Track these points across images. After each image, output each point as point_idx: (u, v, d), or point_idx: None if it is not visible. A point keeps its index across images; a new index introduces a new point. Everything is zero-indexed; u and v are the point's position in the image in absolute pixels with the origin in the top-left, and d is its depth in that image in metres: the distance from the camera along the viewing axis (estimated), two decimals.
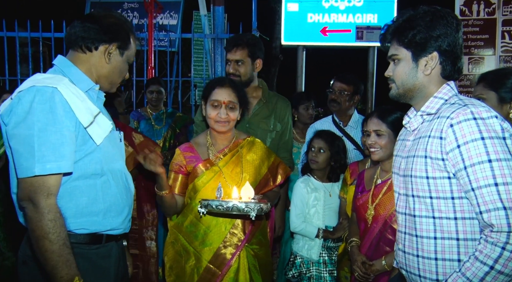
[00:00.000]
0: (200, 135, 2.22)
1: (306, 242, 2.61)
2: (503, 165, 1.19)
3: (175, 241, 2.09)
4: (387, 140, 2.02)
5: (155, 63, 4.91)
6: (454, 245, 1.30)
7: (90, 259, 1.51)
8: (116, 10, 6.01)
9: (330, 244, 2.60)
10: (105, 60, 1.57)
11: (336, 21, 5.44)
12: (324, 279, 2.55)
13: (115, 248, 1.62)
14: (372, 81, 5.83)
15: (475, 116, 1.25)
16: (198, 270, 2.01)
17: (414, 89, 1.42)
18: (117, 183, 1.58)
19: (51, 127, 1.37)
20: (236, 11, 6.45)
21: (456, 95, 1.40)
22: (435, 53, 1.37)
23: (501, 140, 1.22)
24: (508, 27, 4.70)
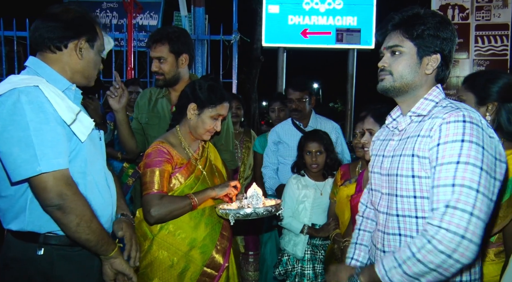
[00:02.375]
0: (168, 135, 2.04)
1: (292, 238, 2.63)
2: (467, 169, 1.18)
3: (164, 252, 1.93)
4: None
5: (134, 64, 4.86)
6: None
7: (74, 260, 1.50)
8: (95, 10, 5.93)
9: (316, 242, 2.62)
10: (78, 57, 1.54)
11: (316, 23, 5.50)
12: (308, 276, 2.58)
13: None
14: (352, 82, 5.91)
15: (466, 119, 1.24)
16: (194, 276, 1.94)
17: (411, 85, 1.40)
18: (99, 182, 1.57)
19: (45, 125, 1.36)
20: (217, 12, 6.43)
21: (445, 99, 1.40)
22: (438, 55, 1.37)
23: (480, 147, 1.20)
24: (481, 32, 4.85)
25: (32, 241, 1.45)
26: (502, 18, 4.82)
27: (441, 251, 1.15)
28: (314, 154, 2.63)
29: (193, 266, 1.94)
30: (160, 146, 1.93)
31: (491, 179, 1.20)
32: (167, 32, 2.33)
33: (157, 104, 2.48)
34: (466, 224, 1.15)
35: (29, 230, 1.44)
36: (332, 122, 3.32)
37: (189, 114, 1.98)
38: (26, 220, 1.44)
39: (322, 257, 2.60)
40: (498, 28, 4.79)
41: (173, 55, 2.33)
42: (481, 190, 1.17)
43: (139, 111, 2.51)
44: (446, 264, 1.16)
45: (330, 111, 21.51)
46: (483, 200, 1.17)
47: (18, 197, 1.44)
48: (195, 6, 5.07)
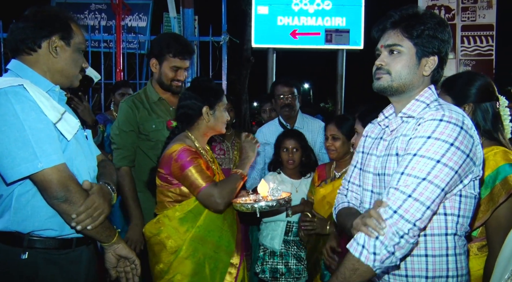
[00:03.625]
0: (183, 139, 2.06)
1: (270, 232, 2.70)
2: (420, 161, 1.23)
3: (194, 253, 1.98)
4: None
5: (123, 66, 4.83)
6: (422, 241, 1.34)
7: (59, 264, 1.49)
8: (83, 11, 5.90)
9: (289, 238, 2.69)
10: (53, 55, 1.52)
11: (305, 24, 5.52)
12: (280, 271, 2.65)
13: (85, 253, 1.60)
14: (341, 83, 5.93)
15: (442, 118, 1.26)
16: (223, 272, 2.03)
17: (408, 86, 1.39)
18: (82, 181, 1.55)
19: (39, 124, 1.38)
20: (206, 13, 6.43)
21: (437, 100, 1.40)
22: (436, 57, 1.37)
23: (447, 144, 1.23)
24: (467, 32, 4.92)
25: (17, 245, 1.43)
26: (487, 19, 4.90)
27: (385, 218, 1.24)
28: (290, 151, 2.70)
29: (221, 263, 2.03)
30: (185, 147, 1.97)
31: (452, 172, 1.23)
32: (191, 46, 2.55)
33: (155, 109, 2.52)
34: (401, 202, 1.22)
35: (13, 230, 1.43)
36: (319, 121, 3.34)
37: (206, 117, 2.06)
38: (11, 219, 1.43)
39: (295, 253, 2.67)
40: (483, 29, 4.87)
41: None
42: (428, 178, 1.22)
43: (139, 121, 2.48)
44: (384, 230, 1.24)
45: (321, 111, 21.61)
46: (427, 186, 1.22)
47: (6, 196, 1.43)
48: (184, 8, 5.05)
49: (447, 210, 1.35)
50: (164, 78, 2.47)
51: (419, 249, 1.34)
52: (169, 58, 2.43)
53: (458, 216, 1.35)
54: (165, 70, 2.45)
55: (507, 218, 1.57)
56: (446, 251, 1.35)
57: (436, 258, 1.34)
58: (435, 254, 1.35)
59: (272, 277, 2.66)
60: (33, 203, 1.43)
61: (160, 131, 2.48)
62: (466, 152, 1.26)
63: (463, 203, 1.35)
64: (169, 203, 2.02)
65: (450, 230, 1.35)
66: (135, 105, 2.49)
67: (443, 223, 1.34)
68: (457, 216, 1.34)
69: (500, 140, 1.70)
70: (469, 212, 1.37)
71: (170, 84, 2.48)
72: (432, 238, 1.35)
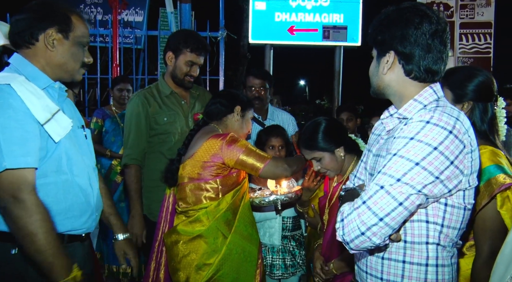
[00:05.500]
0: (216, 130, 2.18)
1: (267, 230, 2.67)
2: (398, 161, 1.16)
3: (236, 248, 2.04)
4: (328, 160, 2.01)
5: (120, 61, 4.79)
6: (401, 246, 1.29)
7: None
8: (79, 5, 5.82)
9: (286, 233, 2.68)
10: (49, 49, 1.48)
11: (303, 21, 5.50)
12: (277, 267, 2.65)
13: (79, 249, 1.58)
14: (339, 79, 5.92)
15: (430, 121, 1.18)
16: (254, 264, 2.11)
17: (379, 89, 1.36)
18: (80, 181, 1.54)
19: (13, 123, 1.33)
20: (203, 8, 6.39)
21: (437, 101, 1.28)
22: (391, 53, 1.29)
23: (429, 147, 1.15)
24: (465, 30, 4.93)
25: (7, 240, 1.41)
26: (485, 16, 4.91)
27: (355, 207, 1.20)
28: (277, 149, 2.68)
29: (253, 256, 2.11)
30: (228, 134, 2.07)
31: (431, 176, 1.14)
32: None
33: (166, 102, 2.57)
34: (353, 205, 1.20)
35: (3, 230, 1.41)
36: (289, 114, 3.35)
37: (235, 115, 2.19)
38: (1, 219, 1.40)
39: (292, 249, 2.67)
40: (481, 26, 4.88)
41: None
42: (404, 180, 1.14)
43: (150, 115, 2.52)
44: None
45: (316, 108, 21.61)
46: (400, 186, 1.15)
47: None
48: (181, 3, 5.02)
49: (430, 217, 1.26)
50: (178, 72, 2.52)
51: (397, 254, 1.29)
52: (186, 52, 2.49)
53: (441, 225, 1.25)
54: (180, 64, 2.51)
55: (493, 220, 1.54)
56: (426, 260, 1.26)
57: (414, 266, 1.27)
58: (413, 262, 1.27)
59: (269, 272, 2.67)
60: None
61: (172, 123, 2.52)
62: (451, 158, 1.16)
63: (448, 212, 1.25)
64: (206, 198, 2.03)
65: (431, 239, 1.26)
66: (147, 99, 2.53)
67: (424, 231, 1.26)
68: (441, 225, 1.25)
69: (496, 142, 1.66)
70: (457, 223, 1.27)
71: (183, 79, 2.54)
72: (412, 245, 1.27)
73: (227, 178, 2.06)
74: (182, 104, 2.61)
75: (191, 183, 2.04)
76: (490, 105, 1.68)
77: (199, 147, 2.04)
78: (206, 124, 2.21)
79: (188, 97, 2.66)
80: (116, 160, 3.51)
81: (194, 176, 2.04)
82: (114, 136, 3.56)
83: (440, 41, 1.26)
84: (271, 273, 2.66)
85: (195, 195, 2.03)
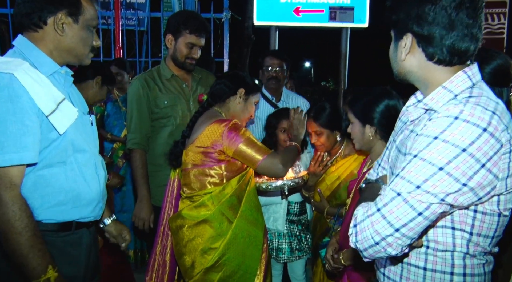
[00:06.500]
0: (219, 116, 2.12)
1: (271, 215, 2.67)
2: (419, 164, 1.01)
3: (241, 232, 2.03)
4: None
5: (123, 43, 4.71)
6: (423, 252, 1.17)
7: (57, 246, 1.45)
8: None
9: (293, 218, 2.68)
10: (59, 33, 1.43)
11: (309, 1, 5.37)
12: (283, 251, 2.66)
13: (86, 236, 1.56)
14: (345, 62, 5.83)
15: (459, 116, 1.00)
16: (260, 248, 2.10)
17: (400, 75, 1.21)
18: (86, 170, 1.51)
19: (10, 116, 1.28)
20: None
21: (471, 88, 1.09)
22: (409, 35, 1.12)
23: (457, 149, 0.98)
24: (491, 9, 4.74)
25: None
26: None
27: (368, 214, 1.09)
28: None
29: (258, 240, 2.09)
30: (232, 121, 2.01)
31: (457, 184, 0.99)
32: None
33: (167, 86, 2.54)
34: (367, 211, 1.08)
35: None
36: (303, 98, 3.27)
37: (238, 98, 2.13)
38: None
39: (298, 233, 2.67)
40: (495, 6, 4.72)
41: None
42: (424, 187, 1.00)
43: (150, 99, 2.49)
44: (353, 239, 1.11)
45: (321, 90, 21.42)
46: (421, 195, 1.02)
47: None
48: None
49: (456, 224, 1.11)
50: (178, 54, 2.49)
51: (418, 259, 1.17)
52: (186, 34, 2.45)
53: (470, 233, 1.11)
54: (180, 46, 2.47)
55: None
56: (451, 268, 1.13)
57: (437, 274, 1.14)
58: (435, 269, 1.14)
59: (275, 255, 2.67)
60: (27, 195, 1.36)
61: (173, 107, 2.50)
62: (482, 161, 0.98)
63: (478, 220, 1.10)
64: (211, 183, 2.00)
65: (458, 247, 1.12)
66: (147, 83, 2.50)
67: (449, 239, 1.12)
68: (469, 233, 1.11)
69: None
70: (490, 231, 1.11)
71: (184, 62, 2.50)
72: (435, 252, 1.14)
73: (232, 164, 2.03)
74: (184, 88, 2.57)
75: (195, 169, 2.02)
76: (506, 91, 1.59)
77: (201, 132, 2.00)
78: (210, 106, 2.17)
79: (190, 80, 2.62)
80: (116, 144, 3.49)
81: (197, 162, 2.02)
82: (116, 120, 3.53)
83: (468, 14, 1.07)
84: (277, 256, 2.67)
85: (200, 181, 2.01)
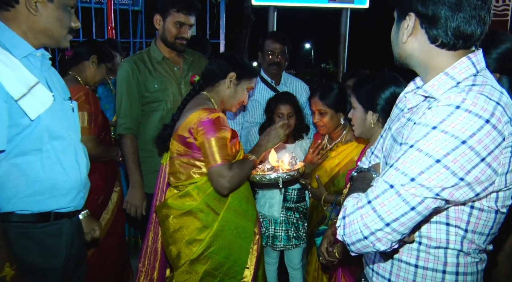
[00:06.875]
0: (205, 103, 1.95)
1: (267, 201, 2.63)
2: (414, 155, 0.95)
3: (228, 225, 1.94)
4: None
5: (115, 23, 4.58)
6: (414, 248, 1.13)
7: (34, 238, 1.41)
8: None
9: (290, 205, 2.64)
10: (32, 12, 1.35)
11: None
12: (279, 238, 2.62)
13: (67, 226, 1.51)
14: (345, 44, 5.72)
15: (460, 105, 0.93)
16: (250, 241, 2.02)
17: (401, 58, 1.13)
18: (64, 158, 1.45)
19: None
20: None
21: (475, 76, 1.02)
22: (412, 15, 1.05)
23: (456, 140, 0.91)
24: None
25: None
26: None
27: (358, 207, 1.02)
28: (286, 117, 2.58)
29: (248, 232, 2.02)
30: (218, 114, 1.86)
31: (453, 177, 0.93)
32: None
33: (158, 68, 2.45)
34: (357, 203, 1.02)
35: None
36: (302, 82, 3.19)
37: (227, 83, 1.99)
38: None
39: (295, 221, 2.63)
40: None
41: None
42: (418, 180, 0.94)
43: (140, 82, 2.40)
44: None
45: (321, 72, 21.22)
46: (415, 187, 0.96)
47: None
48: None
49: (451, 220, 1.06)
50: (168, 35, 2.40)
51: (409, 256, 1.12)
52: (173, 13, 2.36)
53: (465, 230, 1.05)
54: (169, 26, 2.39)
55: None
56: (443, 266, 1.08)
57: (428, 271, 1.09)
58: (427, 267, 1.09)
59: (271, 243, 2.64)
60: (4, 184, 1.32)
61: (163, 90, 2.42)
62: (482, 154, 0.92)
63: (474, 216, 1.04)
64: (196, 173, 1.92)
65: (452, 244, 1.06)
66: (137, 65, 2.42)
67: (443, 235, 1.06)
68: (464, 230, 1.05)
69: None
70: (485, 228, 1.06)
71: (174, 42, 2.41)
72: (427, 248, 1.09)
73: None
74: (175, 71, 2.49)
75: (180, 158, 1.94)
76: (506, 79, 1.48)
77: (184, 119, 1.90)
78: (202, 89, 2.06)
79: (182, 63, 2.53)
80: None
81: (181, 152, 1.93)
82: (107, 103, 3.45)
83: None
84: (273, 244, 2.64)
85: (185, 170, 1.93)
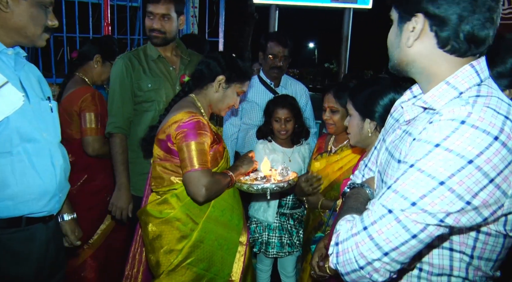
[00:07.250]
0: (190, 106, 1.84)
1: (262, 205, 2.58)
2: (414, 176, 0.85)
3: (209, 235, 1.84)
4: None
5: (112, 19, 4.49)
6: (415, 275, 1.03)
7: (4, 243, 1.35)
8: None
9: (285, 211, 2.58)
10: (3, 9, 1.29)
11: None
12: (272, 245, 2.55)
13: (40, 231, 1.46)
14: (347, 44, 5.66)
15: (466, 120, 0.83)
16: (234, 252, 1.95)
17: (400, 65, 1.02)
18: (38, 161, 1.38)
19: None
20: None
21: (479, 85, 0.92)
22: (420, 16, 0.93)
23: (461, 160, 0.82)
24: None
25: None
26: None
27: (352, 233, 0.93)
28: (283, 121, 2.51)
29: (233, 243, 1.94)
30: (199, 117, 1.76)
31: (459, 201, 0.83)
32: None
33: (153, 67, 2.37)
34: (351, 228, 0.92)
35: None
36: (302, 84, 3.11)
37: (215, 86, 1.89)
38: None
39: (290, 228, 2.56)
40: None
41: (176, 14, 2.31)
42: (420, 204, 0.85)
43: (133, 80, 2.32)
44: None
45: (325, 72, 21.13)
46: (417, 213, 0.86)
47: None
48: None
49: (455, 245, 0.97)
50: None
51: (410, 276, 1.02)
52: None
53: (471, 256, 0.96)
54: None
55: None
56: None
57: None
58: None
59: (264, 250, 2.56)
60: None
61: (157, 90, 2.34)
62: (491, 175, 0.82)
63: (480, 241, 0.95)
64: (177, 179, 1.82)
65: (456, 271, 0.97)
66: (131, 63, 2.33)
67: (446, 261, 0.97)
68: (469, 256, 0.96)
69: None
70: (493, 253, 0.97)
71: (150, 35, 2.33)
72: (429, 276, 1.00)
73: None
74: (170, 71, 2.40)
75: (161, 163, 1.85)
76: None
77: (165, 122, 1.80)
78: (191, 90, 1.96)
79: (178, 63, 2.44)
80: None
81: (161, 157, 1.84)
82: None
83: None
84: (266, 251, 2.57)
85: (166, 175, 1.84)
